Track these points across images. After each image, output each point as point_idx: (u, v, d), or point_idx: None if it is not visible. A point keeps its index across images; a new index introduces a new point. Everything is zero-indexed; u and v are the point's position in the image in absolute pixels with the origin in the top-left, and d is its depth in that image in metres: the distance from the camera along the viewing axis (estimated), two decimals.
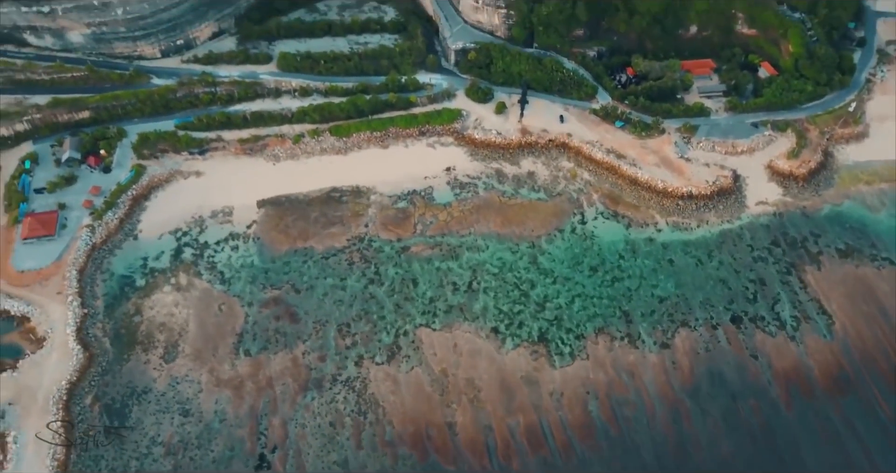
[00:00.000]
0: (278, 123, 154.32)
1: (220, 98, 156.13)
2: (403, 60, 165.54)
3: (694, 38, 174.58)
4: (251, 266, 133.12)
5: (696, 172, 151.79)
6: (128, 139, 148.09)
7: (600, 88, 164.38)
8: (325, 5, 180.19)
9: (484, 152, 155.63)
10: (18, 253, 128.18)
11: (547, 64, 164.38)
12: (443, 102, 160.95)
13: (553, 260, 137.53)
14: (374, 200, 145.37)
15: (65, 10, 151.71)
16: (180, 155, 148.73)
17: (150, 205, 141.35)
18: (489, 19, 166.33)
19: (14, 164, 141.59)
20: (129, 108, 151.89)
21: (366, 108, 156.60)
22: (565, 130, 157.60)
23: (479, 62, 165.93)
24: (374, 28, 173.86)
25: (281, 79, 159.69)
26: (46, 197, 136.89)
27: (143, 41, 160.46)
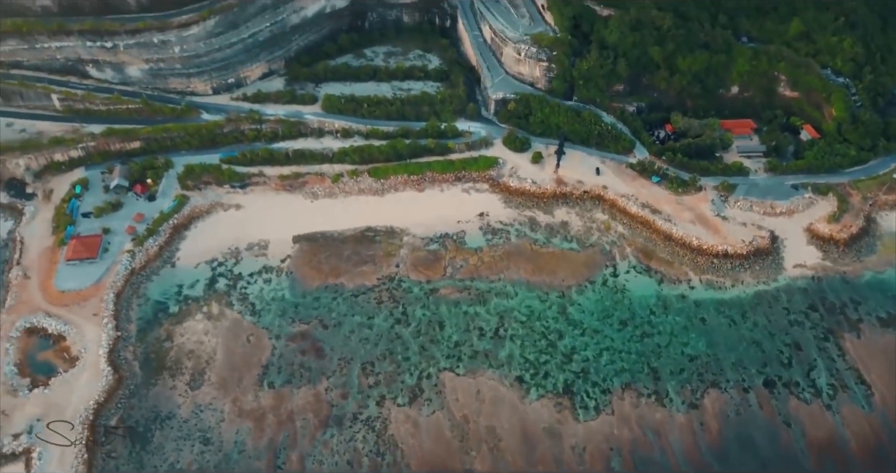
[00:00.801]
0: (319, 162, 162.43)
1: (265, 135, 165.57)
2: (444, 107, 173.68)
3: (735, 98, 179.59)
4: (282, 300, 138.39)
5: (733, 231, 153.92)
6: (174, 170, 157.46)
7: (638, 143, 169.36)
8: (372, 51, 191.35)
9: (518, 200, 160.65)
10: (61, 274, 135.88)
11: (586, 117, 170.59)
12: (480, 150, 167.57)
13: (583, 311, 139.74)
14: (406, 241, 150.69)
15: (126, 46, 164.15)
16: (222, 188, 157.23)
17: (190, 234, 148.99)
18: (530, 71, 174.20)
19: (66, 188, 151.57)
20: (178, 140, 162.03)
21: (405, 151, 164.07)
22: (601, 183, 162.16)
23: (518, 112, 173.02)
24: (417, 75, 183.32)
25: (324, 119, 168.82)
26: (92, 221, 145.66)
27: (196, 78, 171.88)
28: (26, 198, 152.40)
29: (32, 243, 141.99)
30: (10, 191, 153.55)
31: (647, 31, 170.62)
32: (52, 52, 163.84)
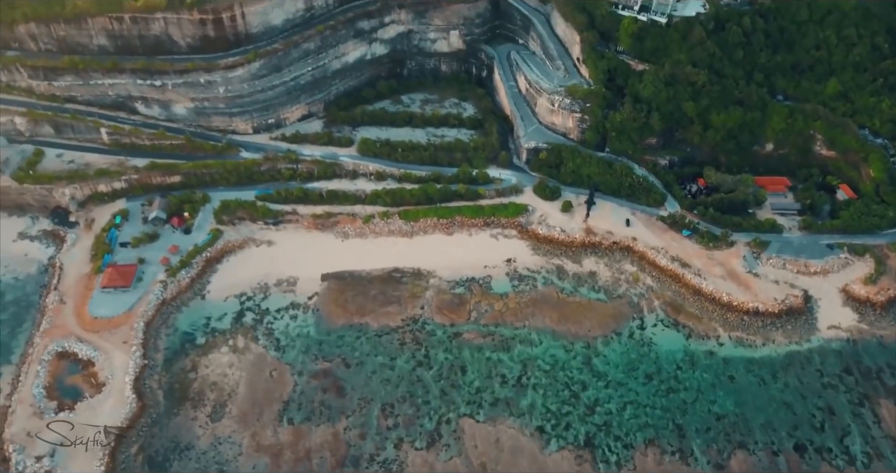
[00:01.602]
0: (351, 203, 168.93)
1: (301, 175, 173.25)
2: (477, 154, 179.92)
3: (770, 155, 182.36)
4: (307, 336, 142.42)
5: (765, 289, 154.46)
6: (210, 205, 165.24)
7: (669, 197, 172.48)
8: (409, 98, 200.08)
9: (546, 248, 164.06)
10: (95, 300, 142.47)
11: (617, 169, 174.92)
12: (510, 197, 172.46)
13: (608, 363, 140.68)
14: (432, 283, 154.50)
15: (174, 84, 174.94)
16: (256, 224, 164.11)
17: (222, 268, 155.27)
18: (563, 122, 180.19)
19: (107, 218, 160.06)
20: (217, 176, 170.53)
21: (436, 196, 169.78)
22: (631, 234, 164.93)
23: (549, 162, 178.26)
24: (452, 122, 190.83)
25: (359, 162, 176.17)
26: (129, 251, 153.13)
27: (238, 117, 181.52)
28: (69, 226, 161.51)
29: (71, 269, 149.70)
30: (55, 219, 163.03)
31: (681, 86, 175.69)
32: (105, 88, 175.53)
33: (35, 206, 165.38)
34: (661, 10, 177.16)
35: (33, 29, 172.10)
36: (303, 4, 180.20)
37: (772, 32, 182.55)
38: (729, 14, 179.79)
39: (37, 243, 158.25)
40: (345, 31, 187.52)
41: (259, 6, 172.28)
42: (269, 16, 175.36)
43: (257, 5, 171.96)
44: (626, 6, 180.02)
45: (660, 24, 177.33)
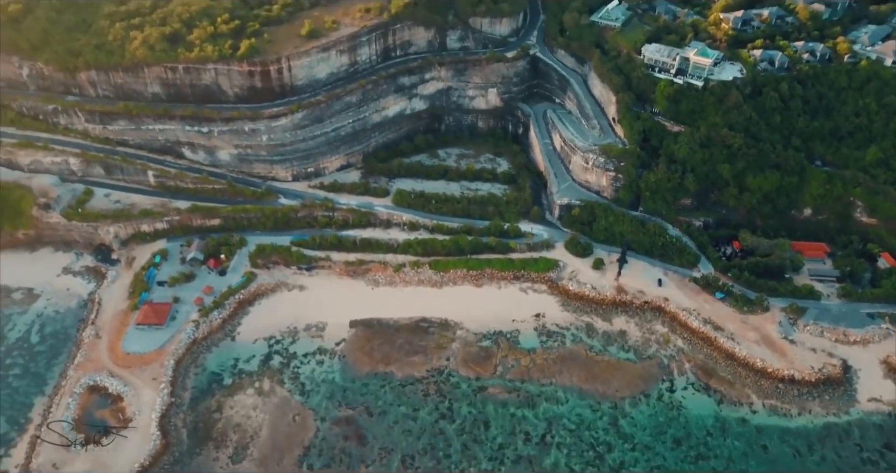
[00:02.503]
0: (384, 252, 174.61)
1: (336, 222, 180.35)
2: (509, 208, 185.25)
3: (808, 220, 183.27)
4: (331, 383, 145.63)
5: (801, 356, 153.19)
6: (247, 248, 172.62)
7: (703, 258, 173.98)
8: (445, 152, 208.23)
9: (576, 304, 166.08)
10: (129, 336, 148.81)
11: (650, 228, 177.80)
12: (541, 252, 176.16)
13: (635, 425, 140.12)
14: (459, 335, 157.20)
15: (220, 132, 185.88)
16: (289, 269, 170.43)
17: (253, 310, 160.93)
18: (597, 180, 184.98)
19: (147, 257, 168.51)
20: (254, 221, 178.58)
21: (466, 247, 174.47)
22: (662, 294, 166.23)
23: (582, 218, 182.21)
24: (486, 177, 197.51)
25: (394, 212, 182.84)
26: (166, 290, 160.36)
27: (279, 165, 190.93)
28: (110, 263, 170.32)
29: (109, 305, 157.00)
30: (98, 255, 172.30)
31: (717, 148, 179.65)
32: (155, 133, 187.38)
33: (81, 242, 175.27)
34: (697, 73, 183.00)
35: (93, 76, 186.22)
36: (347, 59, 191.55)
37: (810, 98, 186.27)
38: (766, 79, 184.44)
39: (79, 279, 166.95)
40: (386, 86, 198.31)
41: (305, 60, 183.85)
42: (314, 69, 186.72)
43: (303, 59, 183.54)
44: (662, 69, 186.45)
45: (696, 88, 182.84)
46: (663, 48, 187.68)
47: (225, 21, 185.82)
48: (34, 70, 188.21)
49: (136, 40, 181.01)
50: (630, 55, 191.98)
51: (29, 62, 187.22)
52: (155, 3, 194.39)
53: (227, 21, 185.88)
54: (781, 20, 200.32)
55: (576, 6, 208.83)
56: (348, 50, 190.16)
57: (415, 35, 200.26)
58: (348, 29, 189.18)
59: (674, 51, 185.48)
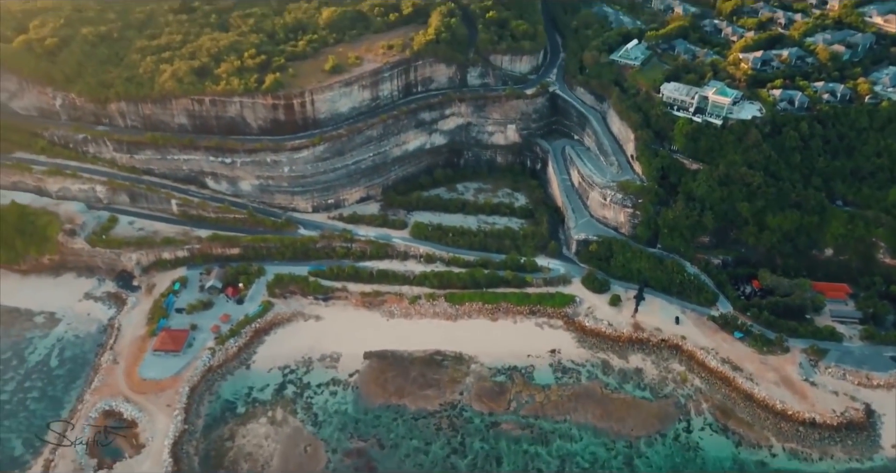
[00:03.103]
0: (400, 283, 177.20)
1: (353, 253, 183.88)
2: (526, 242, 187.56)
3: (829, 260, 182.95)
4: (344, 414, 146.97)
5: (822, 399, 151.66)
6: (265, 277, 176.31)
7: (722, 296, 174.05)
8: (463, 186, 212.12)
9: (592, 341, 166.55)
10: (146, 362, 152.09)
11: (668, 265, 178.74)
12: (558, 287, 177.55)
13: (650, 465, 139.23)
14: (473, 369, 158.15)
15: (243, 162, 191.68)
16: (306, 298, 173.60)
17: (269, 339, 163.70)
18: (615, 216, 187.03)
19: (167, 284, 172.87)
20: (273, 250, 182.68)
21: (482, 280, 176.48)
22: (680, 332, 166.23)
23: (599, 254, 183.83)
24: (503, 211, 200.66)
25: (411, 244, 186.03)
26: (184, 317, 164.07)
27: (299, 196, 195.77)
28: (131, 289, 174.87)
29: (128, 330, 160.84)
30: (120, 282, 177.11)
31: (735, 186, 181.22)
32: (180, 163, 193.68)
33: (103, 268, 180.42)
34: (716, 112, 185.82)
35: (123, 107, 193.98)
36: (369, 94, 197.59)
37: (831, 138, 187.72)
38: (786, 119, 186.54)
39: (100, 304, 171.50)
40: (407, 121, 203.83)
41: (328, 94, 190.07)
42: (336, 103, 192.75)
43: (326, 93, 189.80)
44: (681, 107, 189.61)
45: (715, 126, 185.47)
46: (682, 87, 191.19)
47: (252, 56, 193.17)
48: (67, 101, 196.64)
49: (166, 73, 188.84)
50: (649, 93, 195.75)
51: (62, 93, 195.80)
52: (185, 37, 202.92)
53: (254, 56, 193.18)
54: (801, 61, 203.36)
55: (595, 45, 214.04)
56: (370, 85, 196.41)
57: (436, 72, 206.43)
58: (371, 65, 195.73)
59: (693, 89, 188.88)
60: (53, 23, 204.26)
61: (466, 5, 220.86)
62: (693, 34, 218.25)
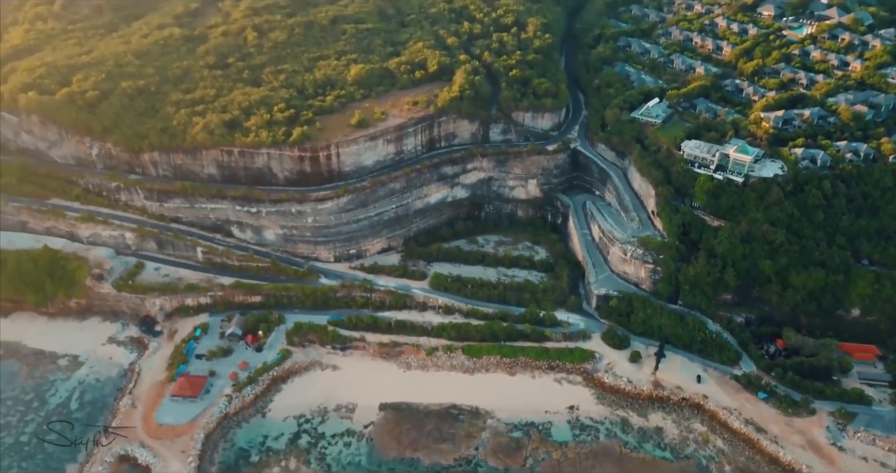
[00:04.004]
0: (418, 334, 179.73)
1: (373, 303, 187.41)
2: (546, 296, 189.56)
3: (856, 321, 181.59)
4: (357, 465, 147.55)
5: (851, 465, 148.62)
6: (284, 326, 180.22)
7: (745, 355, 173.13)
8: (484, 239, 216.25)
9: (611, 398, 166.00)
10: (164, 407, 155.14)
11: (689, 322, 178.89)
12: (577, 342, 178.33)
13: None
14: (489, 424, 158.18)
15: (268, 212, 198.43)
16: (324, 348, 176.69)
17: (286, 388, 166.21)
18: (635, 272, 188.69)
19: (188, 330, 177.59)
20: (294, 299, 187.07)
21: (501, 334, 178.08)
22: (702, 391, 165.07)
23: (619, 310, 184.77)
24: (523, 264, 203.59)
25: (430, 295, 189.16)
26: (203, 363, 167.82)
27: (322, 246, 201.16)
28: (153, 334, 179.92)
29: (147, 375, 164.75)
30: (143, 327, 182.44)
31: (758, 244, 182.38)
32: (207, 212, 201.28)
33: (128, 313, 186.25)
34: (737, 170, 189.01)
35: (156, 157, 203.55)
36: (393, 148, 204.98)
37: (854, 197, 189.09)
38: (808, 177, 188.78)
39: (122, 348, 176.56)
40: (429, 175, 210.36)
41: (353, 147, 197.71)
42: (361, 156, 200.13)
43: (352, 146, 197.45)
44: (702, 165, 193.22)
45: (736, 183, 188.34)
46: (703, 144, 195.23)
47: (281, 110, 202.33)
48: (103, 150, 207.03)
49: (198, 125, 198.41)
50: (670, 150, 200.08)
51: (99, 143, 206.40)
52: (218, 92, 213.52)
53: (283, 110, 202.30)
54: (823, 121, 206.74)
55: (617, 103, 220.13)
56: (395, 139, 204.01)
57: (459, 127, 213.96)
58: (396, 120, 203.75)
59: (713, 147, 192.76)
60: (95, 76, 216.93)
61: (490, 64, 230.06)
62: (714, 93, 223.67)
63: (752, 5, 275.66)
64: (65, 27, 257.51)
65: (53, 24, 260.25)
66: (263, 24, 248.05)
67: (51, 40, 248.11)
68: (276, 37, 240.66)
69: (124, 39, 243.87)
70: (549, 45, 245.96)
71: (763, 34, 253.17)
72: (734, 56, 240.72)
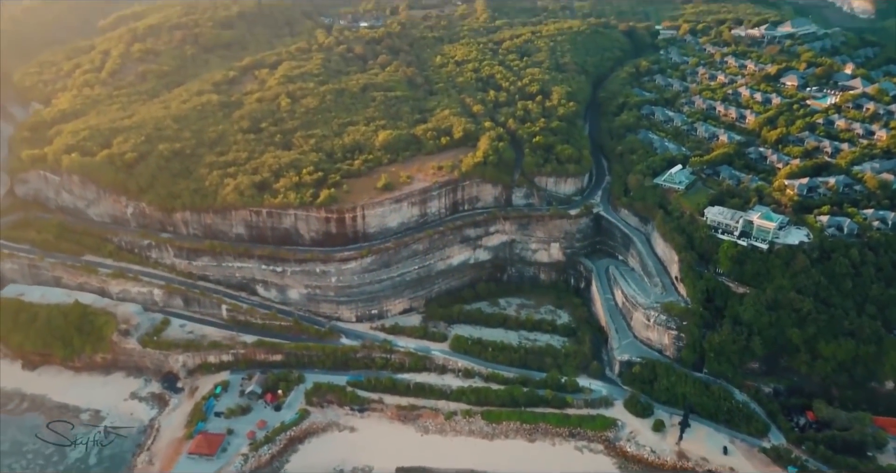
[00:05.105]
0: (436, 398, 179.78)
1: (392, 365, 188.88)
2: (567, 361, 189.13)
3: (891, 394, 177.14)
4: None
5: None
6: (304, 385, 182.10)
7: (773, 427, 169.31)
8: (506, 301, 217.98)
9: (634, 468, 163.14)
10: (180, 465, 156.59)
11: (715, 391, 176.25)
12: (599, 409, 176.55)
13: None
14: None
15: (293, 272, 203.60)
16: (343, 408, 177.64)
17: (302, 448, 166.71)
18: (659, 338, 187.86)
19: (209, 387, 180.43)
20: (315, 358, 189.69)
21: (521, 399, 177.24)
22: (728, 464, 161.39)
23: (642, 377, 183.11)
24: (545, 328, 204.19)
25: (450, 358, 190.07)
26: (222, 421, 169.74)
27: (344, 306, 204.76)
28: (175, 391, 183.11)
29: (166, 432, 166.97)
30: (165, 383, 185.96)
31: (784, 312, 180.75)
32: (234, 270, 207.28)
33: (151, 369, 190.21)
34: (762, 236, 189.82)
35: (187, 216, 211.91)
36: (417, 211, 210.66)
37: (884, 266, 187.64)
38: (835, 245, 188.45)
39: (143, 404, 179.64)
40: (452, 237, 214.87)
41: (378, 210, 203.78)
42: (385, 218, 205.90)
43: (377, 209, 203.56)
44: (725, 231, 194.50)
45: (761, 250, 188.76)
46: (726, 211, 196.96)
47: (309, 172, 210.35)
48: (138, 209, 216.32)
49: (229, 186, 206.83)
50: (693, 216, 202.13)
51: (134, 202, 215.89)
52: (250, 154, 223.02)
53: (312, 172, 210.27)
54: (849, 188, 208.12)
55: (640, 169, 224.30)
56: (419, 202, 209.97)
57: (482, 191, 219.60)
58: (421, 183, 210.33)
59: (737, 213, 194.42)
60: (135, 139, 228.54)
61: (514, 130, 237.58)
62: (738, 161, 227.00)
63: (776, 75, 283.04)
64: (110, 93, 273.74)
65: (100, 90, 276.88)
66: (297, 90, 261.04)
67: (96, 105, 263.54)
68: (309, 103, 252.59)
69: (165, 105, 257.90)
70: (573, 113, 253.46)
71: (787, 103, 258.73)
72: (758, 124, 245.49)
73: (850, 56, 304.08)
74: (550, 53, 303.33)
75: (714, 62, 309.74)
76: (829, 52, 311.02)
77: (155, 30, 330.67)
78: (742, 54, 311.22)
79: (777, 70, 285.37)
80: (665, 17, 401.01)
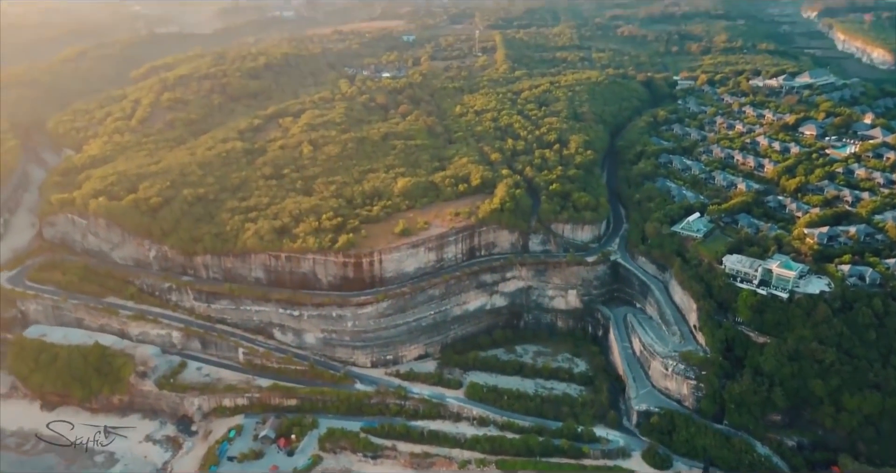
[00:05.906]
0: (450, 446, 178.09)
1: (406, 411, 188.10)
2: (584, 410, 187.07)
3: None
4: None
5: None
6: (318, 430, 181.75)
7: None
8: (522, 348, 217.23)
9: None
10: None
11: (735, 444, 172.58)
12: (616, 460, 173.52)
13: None
14: None
15: (310, 316, 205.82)
16: (355, 455, 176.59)
17: None
18: (677, 387, 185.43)
19: (223, 431, 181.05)
20: (329, 404, 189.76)
21: (537, 449, 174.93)
22: None
23: (661, 427, 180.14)
24: (562, 376, 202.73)
25: (464, 405, 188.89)
26: (234, 465, 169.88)
27: (360, 351, 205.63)
28: (189, 434, 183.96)
29: None
30: (179, 426, 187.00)
31: (806, 362, 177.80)
32: (252, 314, 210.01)
33: (167, 411, 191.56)
34: (781, 285, 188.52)
35: (208, 260, 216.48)
36: (434, 256, 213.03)
37: None
38: (857, 295, 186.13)
39: (157, 447, 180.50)
40: (468, 282, 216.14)
41: (395, 255, 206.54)
42: (402, 263, 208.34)
43: (394, 254, 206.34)
44: (744, 279, 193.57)
45: (781, 299, 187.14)
46: (745, 259, 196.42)
47: (329, 218, 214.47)
48: (160, 252, 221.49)
49: (249, 231, 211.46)
50: (711, 264, 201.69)
51: (157, 245, 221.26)
52: (271, 200, 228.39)
53: (331, 218, 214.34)
54: (871, 237, 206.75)
55: (657, 217, 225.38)
56: (436, 248, 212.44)
57: (499, 237, 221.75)
58: (438, 229, 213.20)
59: (756, 262, 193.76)
60: (160, 184, 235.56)
61: (531, 178, 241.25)
62: (756, 209, 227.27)
63: (794, 125, 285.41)
64: (139, 140, 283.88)
65: (129, 137, 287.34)
66: (319, 138, 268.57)
67: (125, 151, 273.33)
68: (330, 151, 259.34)
69: (190, 151, 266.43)
70: (591, 161, 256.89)
71: (805, 153, 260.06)
72: (776, 173, 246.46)
73: (870, 106, 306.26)
74: (569, 103, 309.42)
75: (732, 112, 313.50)
76: (848, 102, 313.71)
77: (185, 80, 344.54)
78: (760, 104, 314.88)
79: (795, 120, 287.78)
80: (683, 67, 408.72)
